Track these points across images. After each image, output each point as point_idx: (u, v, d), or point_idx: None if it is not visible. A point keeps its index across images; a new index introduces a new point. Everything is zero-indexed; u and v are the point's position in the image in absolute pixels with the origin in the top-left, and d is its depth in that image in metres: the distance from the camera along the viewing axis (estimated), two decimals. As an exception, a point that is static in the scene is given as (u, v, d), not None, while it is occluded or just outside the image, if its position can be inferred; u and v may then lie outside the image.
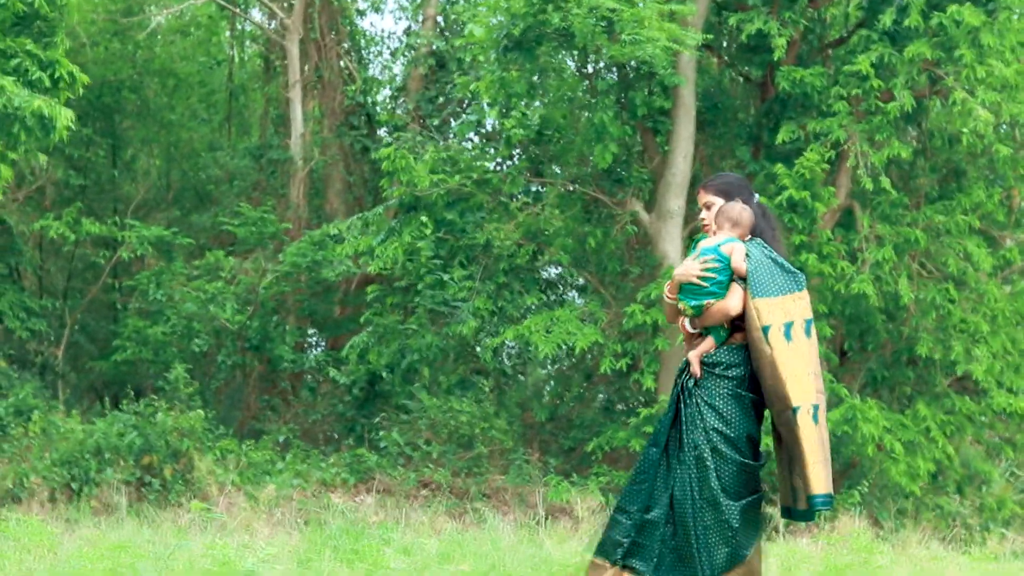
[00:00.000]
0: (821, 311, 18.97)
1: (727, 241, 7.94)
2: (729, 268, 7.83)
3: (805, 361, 7.65)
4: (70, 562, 9.30)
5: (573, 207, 20.71)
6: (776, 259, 7.93)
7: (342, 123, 26.08)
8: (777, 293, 7.73)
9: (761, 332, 7.61)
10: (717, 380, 7.81)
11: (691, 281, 7.85)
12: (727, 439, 7.69)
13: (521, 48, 19.02)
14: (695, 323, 7.93)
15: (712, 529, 7.63)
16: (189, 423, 19.05)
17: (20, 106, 13.80)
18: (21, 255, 25.19)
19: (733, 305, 7.79)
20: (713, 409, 7.73)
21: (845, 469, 19.72)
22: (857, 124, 18.71)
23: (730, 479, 7.67)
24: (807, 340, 7.72)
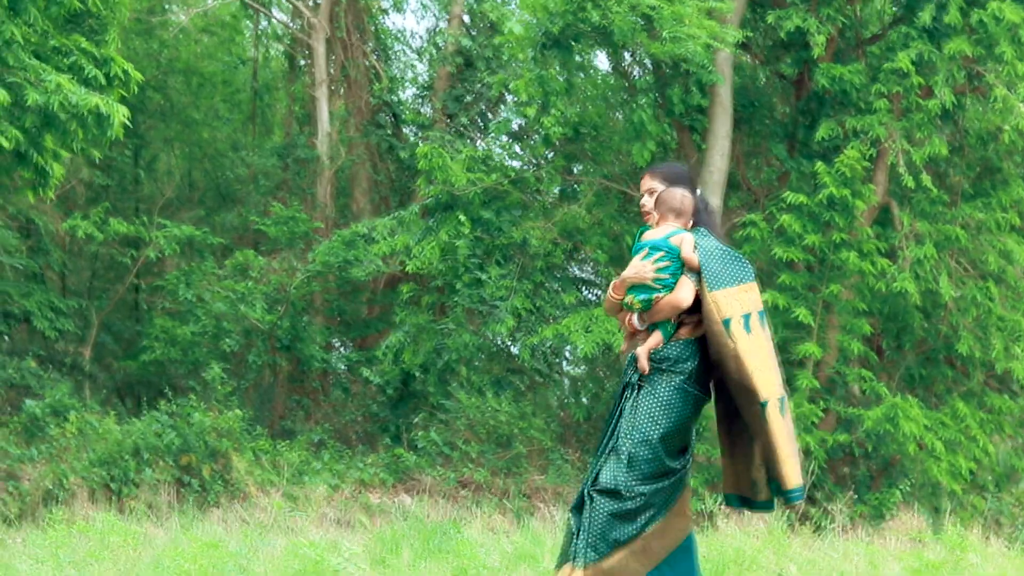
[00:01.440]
0: (860, 309, 18.95)
1: (674, 233, 7.77)
2: (679, 260, 7.66)
3: (766, 353, 7.58)
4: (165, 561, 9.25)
5: (609, 205, 20.68)
6: (725, 248, 7.82)
7: (369, 122, 26.04)
8: (732, 284, 7.59)
9: (722, 326, 7.47)
10: (666, 375, 7.66)
11: (644, 282, 7.70)
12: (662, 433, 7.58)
13: (559, 46, 18.99)
14: (643, 319, 7.75)
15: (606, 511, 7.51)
16: (227, 423, 19.02)
17: (77, 104, 13.74)
18: (49, 255, 25.16)
19: (684, 298, 7.62)
20: (655, 398, 7.60)
21: (885, 467, 19.68)
22: (897, 121, 18.66)
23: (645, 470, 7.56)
24: (763, 332, 7.64)
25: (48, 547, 9.97)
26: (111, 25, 15.19)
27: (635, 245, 7.93)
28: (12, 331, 24.51)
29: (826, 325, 19.01)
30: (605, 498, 7.52)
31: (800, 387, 18.32)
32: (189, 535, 11.33)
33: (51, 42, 14.69)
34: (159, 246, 24.18)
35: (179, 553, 9.25)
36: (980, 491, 20.08)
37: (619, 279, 7.87)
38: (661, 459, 7.57)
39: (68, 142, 14.73)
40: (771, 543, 10.67)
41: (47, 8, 14.46)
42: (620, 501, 7.52)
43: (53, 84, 13.81)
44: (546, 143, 20.16)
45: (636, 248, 7.91)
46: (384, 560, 10.31)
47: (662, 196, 7.94)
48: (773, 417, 7.45)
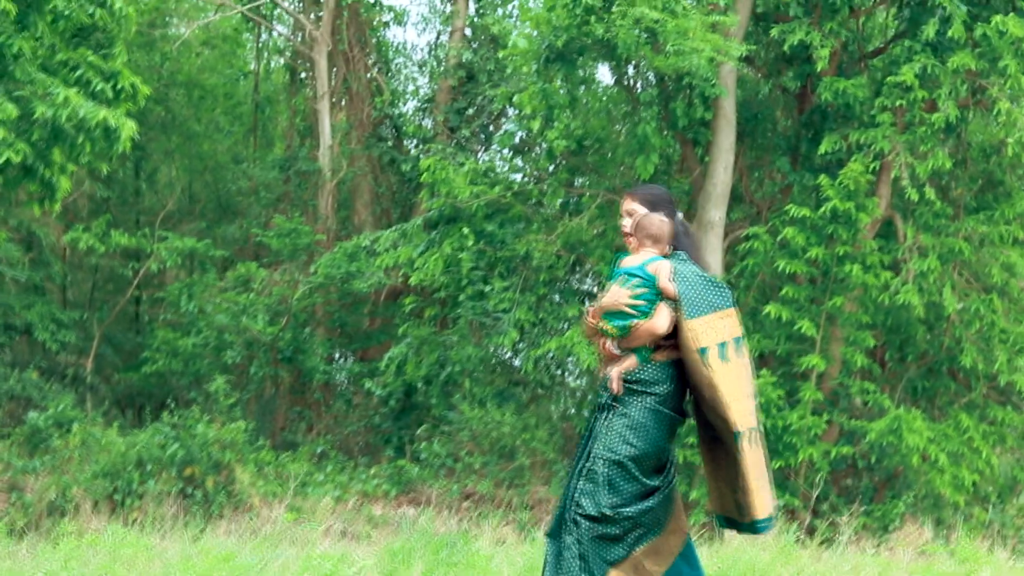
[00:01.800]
0: (863, 321, 18.99)
1: (652, 260, 7.77)
2: (655, 288, 7.66)
3: (742, 382, 7.56)
4: (179, 574, 9.26)
5: (612, 218, 20.70)
6: (703, 274, 7.78)
7: (370, 134, 26.06)
8: (708, 311, 7.57)
9: (698, 355, 7.47)
10: (639, 397, 7.65)
11: (620, 309, 7.68)
12: (635, 455, 7.55)
13: (563, 59, 19.03)
14: (620, 344, 7.74)
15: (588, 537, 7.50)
16: (230, 435, 19.03)
17: (85, 117, 13.76)
18: (50, 267, 25.17)
19: (661, 324, 7.61)
20: (627, 420, 7.59)
21: (888, 479, 19.72)
22: (900, 135, 18.70)
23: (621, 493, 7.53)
24: (740, 359, 7.62)
25: (59, 560, 9.97)
26: (118, 39, 15.21)
27: (613, 271, 7.92)
28: (13, 343, 24.51)
29: (829, 337, 19.05)
30: (590, 523, 7.50)
31: (803, 399, 18.37)
32: (199, 547, 11.32)
33: (58, 56, 14.72)
34: (161, 258, 24.20)
35: (191, 566, 9.26)
36: (982, 503, 20.09)
37: (595, 305, 7.86)
38: (639, 479, 7.55)
39: (75, 156, 14.74)
40: (781, 556, 10.69)
41: (54, 22, 14.48)
42: (605, 525, 7.50)
43: (61, 98, 13.83)
44: (549, 156, 20.18)
45: (613, 274, 7.89)
46: (394, 572, 10.31)
47: (641, 222, 7.93)
48: (746, 448, 7.45)
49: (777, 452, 18.35)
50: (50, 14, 14.31)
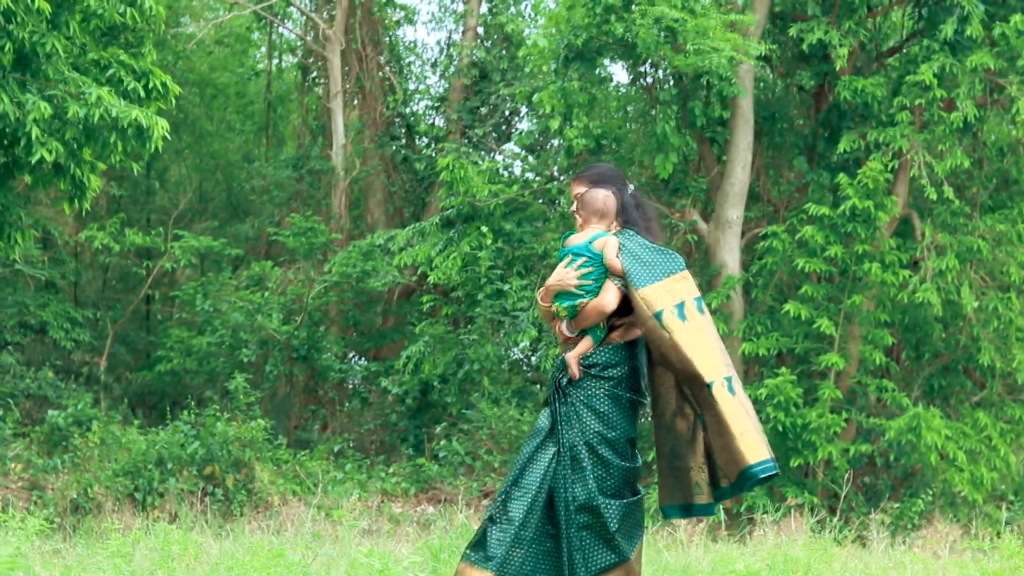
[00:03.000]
0: (882, 320, 19.06)
1: (597, 236, 7.65)
2: (602, 265, 7.54)
3: (706, 336, 7.40)
4: (232, 571, 9.30)
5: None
6: (647, 244, 7.66)
7: (383, 133, 26.11)
8: (660, 277, 7.46)
9: (655, 320, 7.33)
10: (595, 381, 7.52)
11: (568, 290, 7.59)
12: (607, 441, 7.44)
13: (582, 58, 19.10)
14: (572, 325, 7.61)
15: (589, 531, 7.39)
16: (250, 433, 19.08)
17: (118, 116, 13.79)
18: (64, 266, 25.22)
19: (608, 302, 7.50)
20: (591, 410, 7.47)
21: (905, 477, 19.80)
22: (918, 134, 18.78)
23: (611, 481, 7.44)
24: (703, 317, 7.45)
25: (108, 557, 10.02)
26: (147, 38, 15.25)
27: (560, 251, 7.83)
28: (29, 342, 24.55)
29: (847, 336, 19.11)
30: (586, 515, 7.41)
31: (822, 397, 18.42)
32: (243, 545, 11.37)
33: (90, 55, 14.76)
34: (175, 257, 24.25)
35: (242, 563, 9.30)
36: (998, 501, 20.17)
37: (544, 287, 7.77)
38: (618, 463, 7.48)
39: (107, 155, 14.78)
40: (819, 554, 10.74)
41: (85, 21, 14.52)
42: (601, 519, 7.39)
43: (94, 97, 13.86)
44: (568, 154, 20.24)
45: (560, 255, 7.82)
46: (437, 570, 10.36)
47: (584, 198, 7.82)
48: (721, 396, 7.25)
49: (796, 450, 18.42)
50: (80, 13, 14.35)
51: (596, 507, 7.37)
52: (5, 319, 23.77)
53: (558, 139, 21.88)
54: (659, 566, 10.55)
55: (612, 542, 7.43)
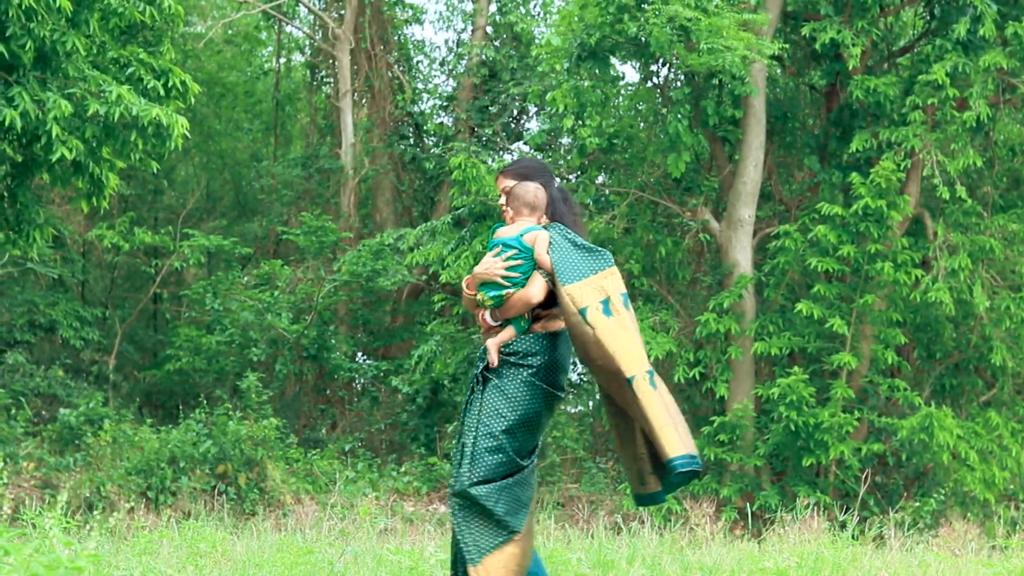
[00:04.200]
0: (894, 319, 19.07)
1: (529, 230, 7.64)
2: (532, 259, 7.55)
3: (629, 331, 7.37)
4: (262, 568, 9.32)
5: (643, 216, 20.79)
6: (577, 241, 7.63)
7: (392, 132, 26.13)
8: (588, 274, 7.42)
9: (579, 315, 7.29)
10: (513, 368, 7.51)
11: (494, 280, 7.59)
12: (507, 427, 7.42)
13: (595, 57, 19.12)
14: (495, 315, 7.61)
15: (470, 512, 7.37)
16: (262, 432, 19.11)
17: (138, 115, 13.81)
18: (73, 264, 25.23)
19: (534, 293, 7.51)
20: (502, 393, 7.46)
21: (917, 476, 19.82)
22: (931, 133, 18.80)
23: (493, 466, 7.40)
24: (627, 312, 7.43)
25: (135, 555, 10.03)
26: (165, 36, 15.27)
27: (490, 242, 7.80)
28: (38, 340, 24.57)
29: (859, 335, 19.13)
30: (461, 501, 7.41)
31: (834, 397, 18.44)
32: (263, 542, 11.39)
33: (109, 53, 14.77)
34: (183, 256, 24.26)
35: (271, 561, 9.33)
36: (1008, 501, 20.19)
37: (471, 275, 7.75)
38: (508, 454, 7.44)
39: (127, 153, 14.80)
40: (842, 553, 10.75)
41: (104, 20, 14.53)
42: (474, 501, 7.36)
43: (114, 95, 13.87)
44: (581, 153, 20.25)
45: (490, 244, 7.79)
46: (464, 567, 10.36)
47: (514, 191, 7.82)
48: (642, 390, 7.20)
49: (808, 450, 18.44)
50: (100, 12, 14.36)
51: (468, 494, 7.35)
52: (15, 318, 23.78)
53: (569, 138, 21.91)
54: (683, 565, 10.55)
55: (498, 521, 7.39)
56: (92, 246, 25.93)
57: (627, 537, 12.35)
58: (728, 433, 19.00)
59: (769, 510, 17.78)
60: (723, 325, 19.19)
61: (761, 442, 18.97)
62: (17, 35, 13.60)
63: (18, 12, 13.36)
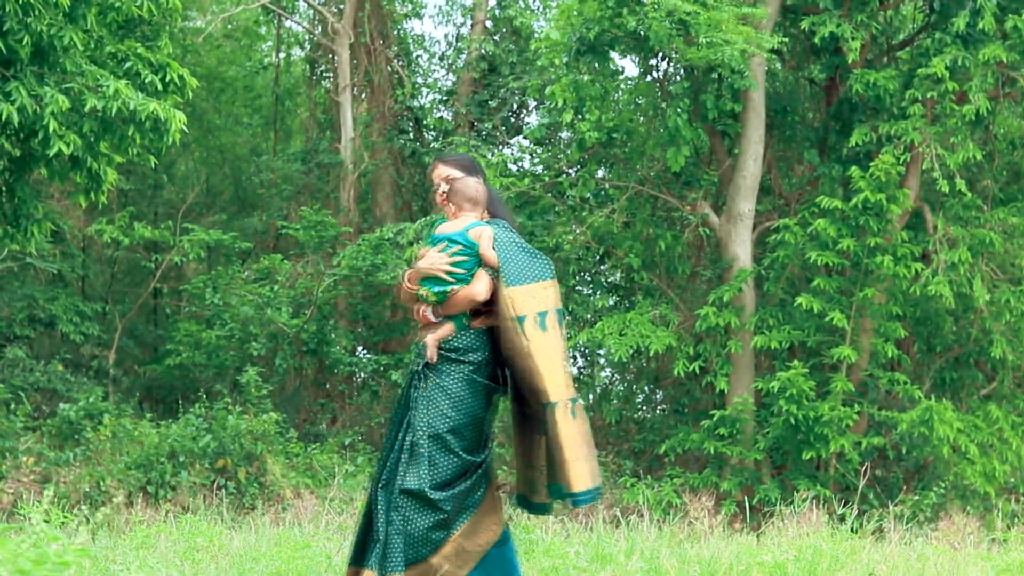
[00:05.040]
0: (893, 313, 19.07)
1: (473, 226, 7.67)
2: (476, 254, 7.57)
3: (558, 353, 7.45)
4: (259, 563, 9.33)
5: (643, 210, 20.80)
6: (522, 243, 7.70)
7: (391, 127, 26.10)
8: (529, 280, 7.48)
9: (516, 322, 7.37)
10: (454, 364, 7.57)
11: (438, 275, 7.58)
12: (453, 427, 7.47)
13: (594, 51, 19.12)
14: (437, 311, 7.64)
15: (415, 515, 7.37)
16: (262, 426, 19.10)
17: (135, 109, 13.79)
18: (73, 259, 25.21)
19: (480, 291, 7.53)
20: (444, 392, 7.51)
21: (917, 470, 19.83)
22: (930, 126, 18.78)
23: (443, 468, 7.43)
24: (559, 330, 7.52)
25: (133, 549, 10.04)
26: (163, 31, 15.25)
27: (431, 236, 7.79)
28: (38, 335, 24.55)
29: (859, 329, 19.12)
30: (411, 500, 7.38)
31: (834, 390, 18.45)
32: (261, 536, 11.38)
33: (107, 48, 14.75)
34: (183, 250, 24.24)
35: (268, 555, 9.33)
36: (1009, 494, 20.19)
37: (413, 269, 7.75)
38: (459, 454, 7.47)
39: (124, 147, 14.78)
40: (842, 546, 10.76)
41: (102, 14, 14.51)
42: (428, 504, 7.37)
43: (111, 90, 13.85)
44: (580, 148, 20.24)
45: (433, 239, 7.76)
46: (461, 562, 10.36)
47: (458, 186, 7.82)
48: (561, 419, 7.32)
49: (808, 443, 18.45)
50: (97, 6, 14.34)
51: (425, 496, 7.34)
52: (14, 313, 23.77)
53: (568, 132, 21.91)
54: (682, 559, 10.55)
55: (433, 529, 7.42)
56: (92, 241, 25.91)
57: (625, 531, 12.34)
58: (728, 427, 19.02)
59: (769, 504, 17.79)
60: (723, 319, 19.20)
61: (761, 436, 18.98)
62: (14, 30, 13.57)
63: (15, 7, 13.34)
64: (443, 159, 8.10)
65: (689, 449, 19.64)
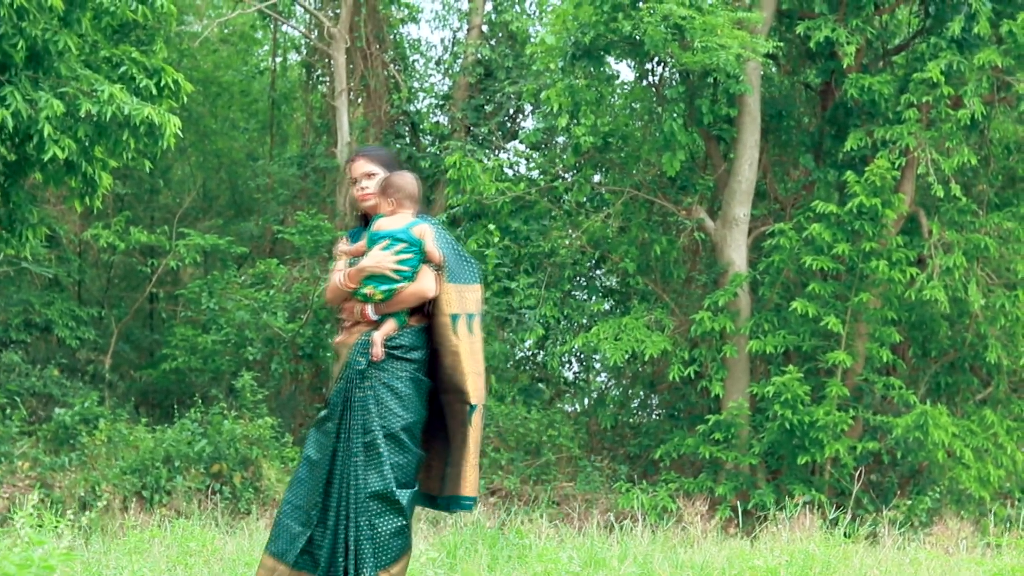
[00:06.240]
0: (889, 318, 19.08)
1: (416, 223, 7.59)
2: (421, 251, 7.50)
3: (479, 357, 7.52)
4: (253, 567, 9.33)
5: (638, 215, 20.81)
6: (455, 246, 7.70)
7: (388, 132, 26.10)
8: (467, 281, 7.54)
9: (450, 319, 7.43)
10: (398, 363, 7.52)
11: (384, 273, 7.48)
12: (406, 426, 7.42)
13: (589, 56, 19.13)
14: (379, 308, 7.55)
15: (382, 519, 7.32)
16: (257, 431, 19.11)
17: (130, 114, 13.81)
18: (69, 264, 25.20)
19: (429, 288, 7.48)
20: (392, 392, 7.46)
21: (912, 475, 19.84)
22: (925, 131, 18.79)
23: (403, 467, 7.39)
24: (479, 335, 7.57)
25: (125, 553, 10.05)
26: (158, 36, 15.28)
27: (371, 234, 7.65)
28: (33, 340, 24.54)
29: (854, 334, 19.13)
30: (377, 503, 7.33)
31: (829, 395, 18.45)
32: (254, 541, 11.40)
33: (102, 52, 14.78)
34: (179, 255, 24.24)
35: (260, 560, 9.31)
36: (1004, 499, 20.20)
37: (355, 269, 7.59)
38: (414, 451, 7.45)
39: (119, 152, 14.80)
40: (834, 551, 10.77)
41: (97, 19, 14.54)
42: (392, 507, 7.33)
43: (106, 94, 13.87)
44: (576, 152, 20.25)
45: (373, 237, 7.63)
46: (454, 566, 10.39)
47: (395, 181, 7.72)
48: (476, 423, 7.43)
49: (803, 448, 18.45)
50: (92, 11, 14.37)
51: (393, 496, 7.31)
52: (10, 317, 23.76)
53: (564, 137, 21.93)
54: (675, 563, 10.57)
55: (404, 531, 7.40)
56: (88, 245, 25.89)
57: (619, 535, 12.35)
58: (723, 432, 19.02)
59: (763, 508, 17.80)
60: (718, 323, 19.21)
61: (756, 440, 18.98)
62: (9, 34, 13.59)
63: (9, 11, 13.36)
64: (364, 153, 7.99)
65: (684, 454, 19.64)
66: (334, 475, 7.48)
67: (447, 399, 7.57)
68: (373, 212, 7.76)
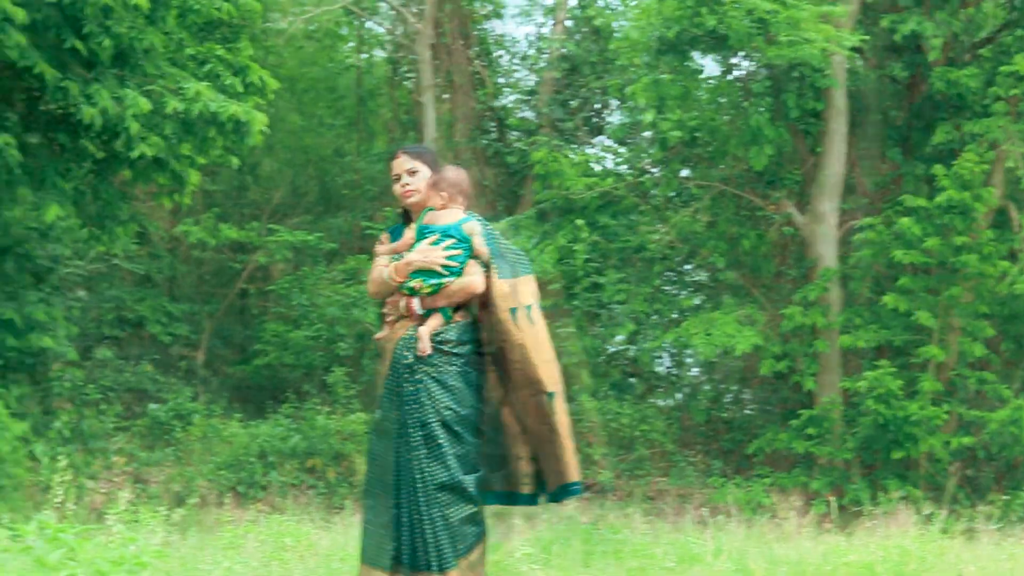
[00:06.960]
0: (981, 312, 18.94)
1: (466, 220, 7.42)
2: (470, 248, 7.34)
3: (546, 346, 7.30)
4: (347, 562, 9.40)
5: (726, 209, 20.77)
6: (504, 241, 7.56)
7: (474, 127, 26.16)
8: (518, 274, 7.39)
9: (509, 314, 7.25)
10: (447, 358, 7.35)
11: (433, 268, 7.31)
12: (460, 418, 7.32)
13: (674, 50, 19.09)
14: (425, 303, 7.36)
15: (453, 508, 7.20)
16: (351, 426, 19.23)
17: (216, 111, 13.91)
18: (160, 260, 25.44)
19: (478, 283, 7.29)
20: (443, 387, 7.32)
21: (1008, 470, 19.68)
22: (1014, 124, 18.64)
23: (463, 457, 7.27)
24: (542, 323, 7.36)
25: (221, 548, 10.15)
26: (243, 33, 15.38)
27: (420, 227, 7.49)
28: (126, 336, 24.79)
29: (946, 328, 19.00)
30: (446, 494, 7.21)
31: (922, 390, 18.35)
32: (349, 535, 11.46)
33: (187, 50, 14.90)
34: (269, 251, 24.42)
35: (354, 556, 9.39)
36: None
37: (403, 262, 7.43)
38: (472, 443, 7.35)
39: (206, 149, 14.92)
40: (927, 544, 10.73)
41: (182, 16, 14.67)
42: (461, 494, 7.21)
43: (192, 92, 13.99)
44: (662, 147, 20.24)
45: (423, 230, 7.48)
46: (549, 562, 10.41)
47: (449, 177, 7.56)
48: (560, 409, 7.26)
49: (897, 443, 18.37)
50: (177, 9, 14.49)
51: (460, 485, 7.23)
52: (103, 313, 24.02)
53: (650, 132, 21.90)
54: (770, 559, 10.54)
55: (476, 516, 7.30)
56: (178, 242, 26.12)
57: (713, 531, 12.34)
58: (816, 427, 18.97)
59: (858, 503, 17.73)
60: (809, 318, 19.16)
61: (850, 435, 18.90)
62: (95, 33, 13.69)
63: (95, 10, 13.48)
64: (407, 150, 7.83)
65: (778, 449, 19.60)
66: (400, 472, 7.49)
67: (519, 397, 7.41)
68: (415, 209, 7.79)
